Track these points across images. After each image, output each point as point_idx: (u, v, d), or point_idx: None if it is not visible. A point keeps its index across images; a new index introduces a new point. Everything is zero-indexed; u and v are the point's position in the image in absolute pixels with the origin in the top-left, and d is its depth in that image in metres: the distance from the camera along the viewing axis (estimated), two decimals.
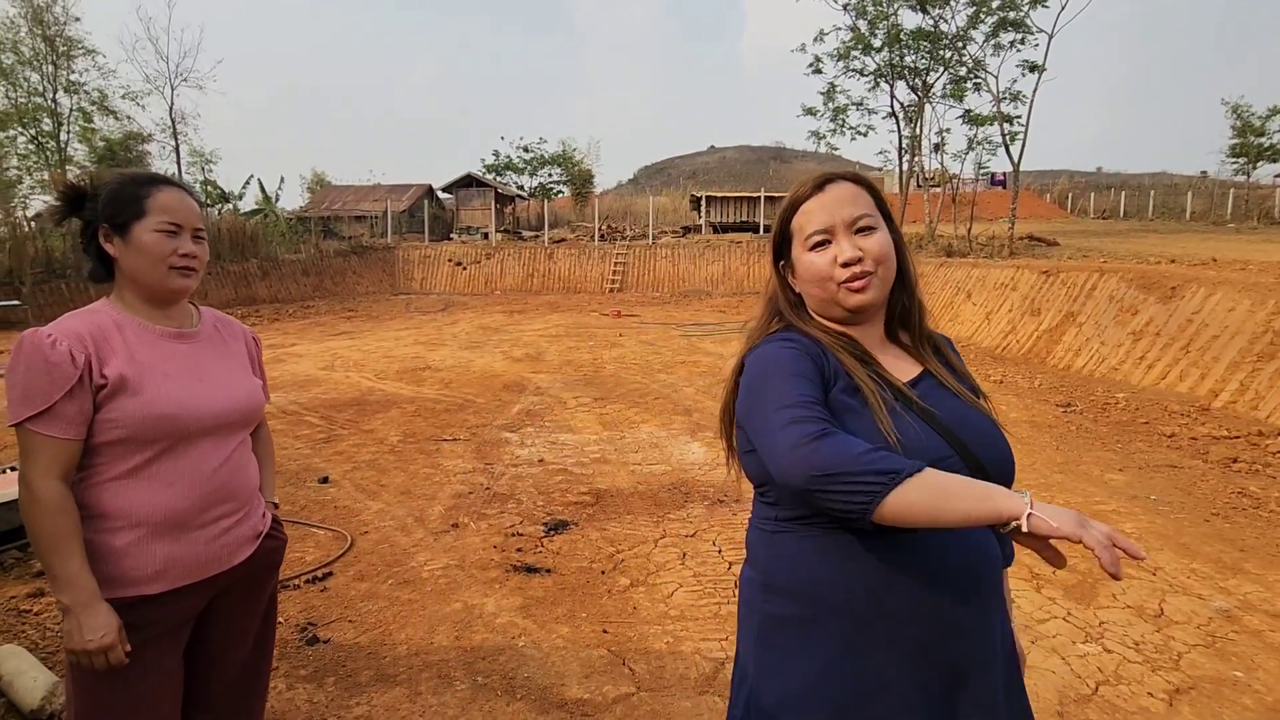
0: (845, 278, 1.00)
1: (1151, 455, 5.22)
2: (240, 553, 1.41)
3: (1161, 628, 2.80)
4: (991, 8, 17.33)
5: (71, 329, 1.24)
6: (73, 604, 1.19)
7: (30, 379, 1.19)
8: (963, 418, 0.99)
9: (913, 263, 1.10)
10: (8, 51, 20.90)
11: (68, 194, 1.34)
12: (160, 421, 1.27)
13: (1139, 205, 34.62)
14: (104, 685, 1.25)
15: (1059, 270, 10.23)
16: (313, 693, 2.38)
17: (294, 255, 22.50)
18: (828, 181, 1.04)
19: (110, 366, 1.24)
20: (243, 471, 1.42)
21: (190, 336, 1.40)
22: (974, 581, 0.95)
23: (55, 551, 1.19)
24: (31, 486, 1.20)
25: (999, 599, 1.00)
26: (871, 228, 1.01)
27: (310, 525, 3.89)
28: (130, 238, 1.30)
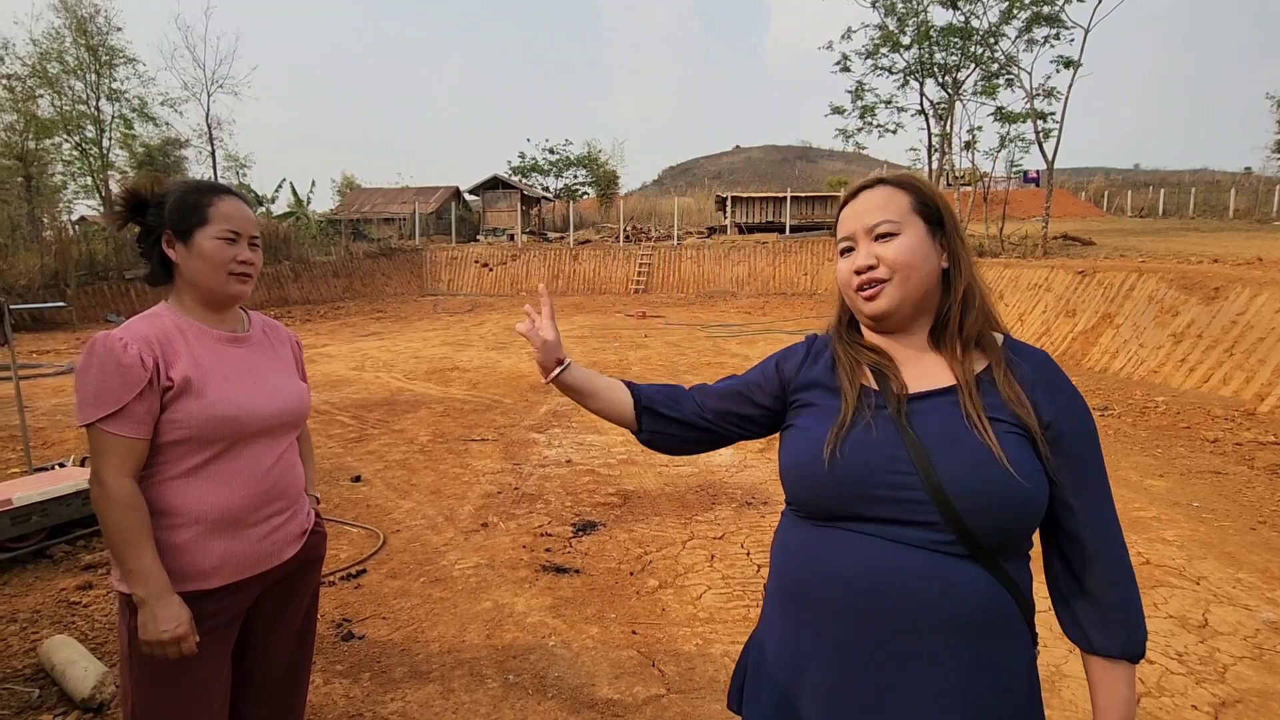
0: (856, 285, 1.00)
1: (1194, 461, 5.07)
2: (288, 549, 1.46)
3: (1206, 639, 2.72)
4: (1024, 3, 16.99)
5: (140, 333, 1.29)
6: (147, 596, 1.24)
7: (103, 380, 1.24)
8: (951, 440, 0.92)
9: (968, 268, 1.02)
10: (54, 61, 21.66)
11: (130, 199, 1.38)
12: (221, 423, 1.31)
13: (1179, 203, 33.64)
14: (163, 675, 1.29)
15: (1095, 270, 9.99)
16: (349, 688, 2.43)
17: (325, 257, 22.95)
18: (864, 189, 1.04)
19: (176, 369, 1.29)
20: (292, 471, 1.47)
21: (244, 340, 1.45)
22: (871, 601, 0.92)
23: (129, 546, 1.24)
24: (105, 484, 1.24)
25: (946, 640, 0.90)
26: (891, 234, 0.98)
27: (344, 523, 3.96)
28: (192, 244, 1.35)
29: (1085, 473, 0.94)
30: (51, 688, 2.37)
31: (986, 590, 0.91)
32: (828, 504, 0.98)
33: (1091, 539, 0.93)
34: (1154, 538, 3.67)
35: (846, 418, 0.99)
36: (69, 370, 9.61)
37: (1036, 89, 17.24)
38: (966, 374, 0.97)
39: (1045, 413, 0.94)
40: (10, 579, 3.25)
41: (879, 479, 0.93)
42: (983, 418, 0.93)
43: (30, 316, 14.43)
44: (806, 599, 0.99)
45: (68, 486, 3.58)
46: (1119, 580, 0.93)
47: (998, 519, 0.89)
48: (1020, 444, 0.92)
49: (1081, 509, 0.93)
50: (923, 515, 0.91)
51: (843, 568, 0.95)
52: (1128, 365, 8.03)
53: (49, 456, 5.13)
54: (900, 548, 0.92)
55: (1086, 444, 0.95)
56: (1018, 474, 0.89)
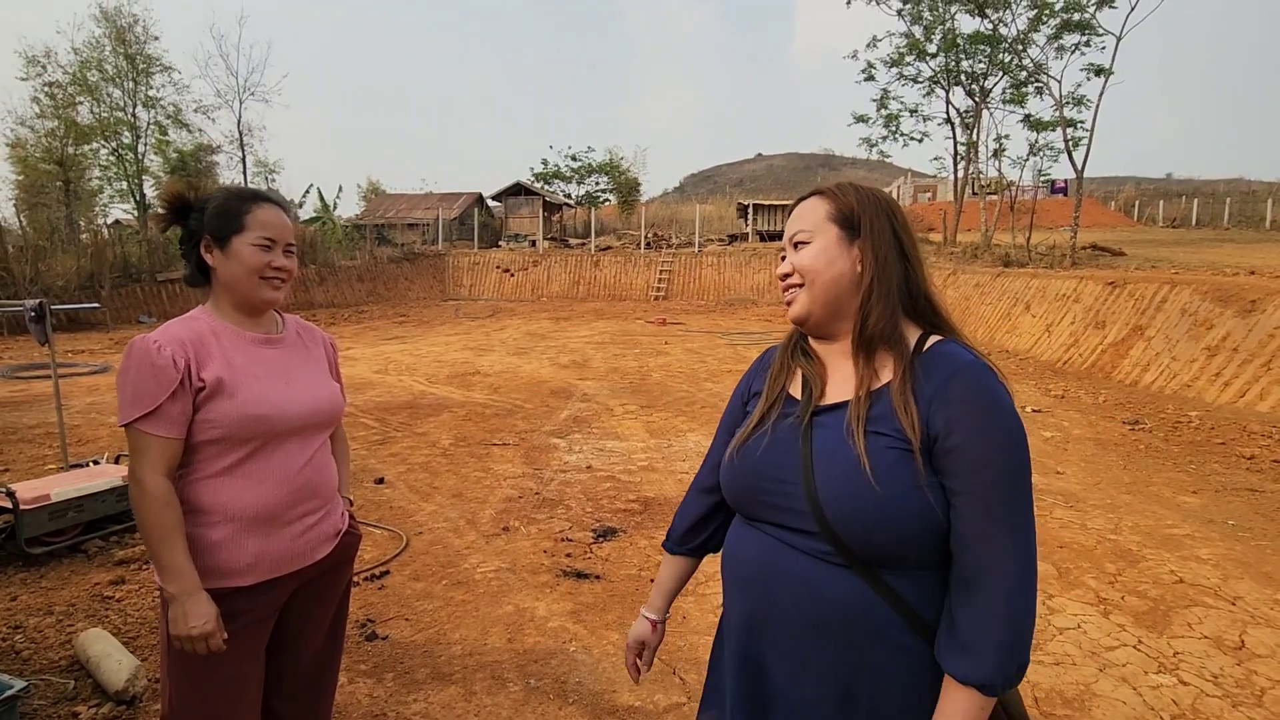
0: (781, 289, 1.08)
1: (1229, 477, 4.95)
2: (322, 549, 1.48)
3: (1243, 660, 2.65)
4: (1054, 10, 16.79)
5: (174, 335, 1.33)
6: (178, 592, 1.28)
7: (139, 382, 1.28)
8: (831, 453, 0.95)
9: (877, 271, 0.99)
10: (93, 69, 22.32)
11: (174, 203, 1.43)
12: (253, 422, 1.34)
13: (1213, 213, 32.91)
14: (198, 670, 1.33)
15: (1126, 281, 9.80)
16: (373, 687, 2.46)
17: (350, 261, 23.30)
18: (800, 201, 1.09)
19: (208, 370, 1.33)
20: (325, 471, 1.50)
21: (277, 342, 1.48)
22: (761, 596, 1.01)
23: (163, 543, 1.28)
24: (141, 482, 1.28)
25: (814, 642, 0.95)
26: (804, 242, 1.04)
27: (368, 524, 4.01)
28: (229, 250, 1.39)
29: (972, 493, 0.89)
30: (86, 680, 2.43)
31: (856, 600, 0.93)
32: (735, 501, 1.08)
33: (965, 560, 0.89)
34: (1188, 556, 3.58)
35: (753, 421, 1.07)
36: (103, 370, 9.86)
37: (1066, 97, 17.01)
38: (867, 384, 0.98)
39: (937, 424, 0.91)
40: (47, 573, 3.33)
41: (768, 485, 1.00)
42: (859, 430, 0.94)
43: (66, 317, 14.83)
44: (728, 587, 1.10)
45: (103, 483, 3.67)
46: (988, 606, 0.87)
47: (863, 531, 0.91)
48: (899, 458, 0.91)
49: (961, 529, 0.90)
50: (803, 524, 0.96)
51: (746, 562, 1.04)
52: (1159, 379, 7.86)
53: (84, 454, 5.26)
54: (788, 550, 0.98)
55: (984, 462, 0.89)
56: (886, 489, 0.89)
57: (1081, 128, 16.95)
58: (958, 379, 0.93)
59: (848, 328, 1.03)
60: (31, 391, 8.26)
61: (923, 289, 1.03)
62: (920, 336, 1.01)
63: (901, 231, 1.03)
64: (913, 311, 1.03)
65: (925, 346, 0.99)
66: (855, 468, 0.91)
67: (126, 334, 14.49)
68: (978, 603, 0.88)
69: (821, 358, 1.08)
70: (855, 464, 0.91)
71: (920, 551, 0.92)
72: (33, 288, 15.05)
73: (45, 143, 22.65)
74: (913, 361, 0.97)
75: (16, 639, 2.72)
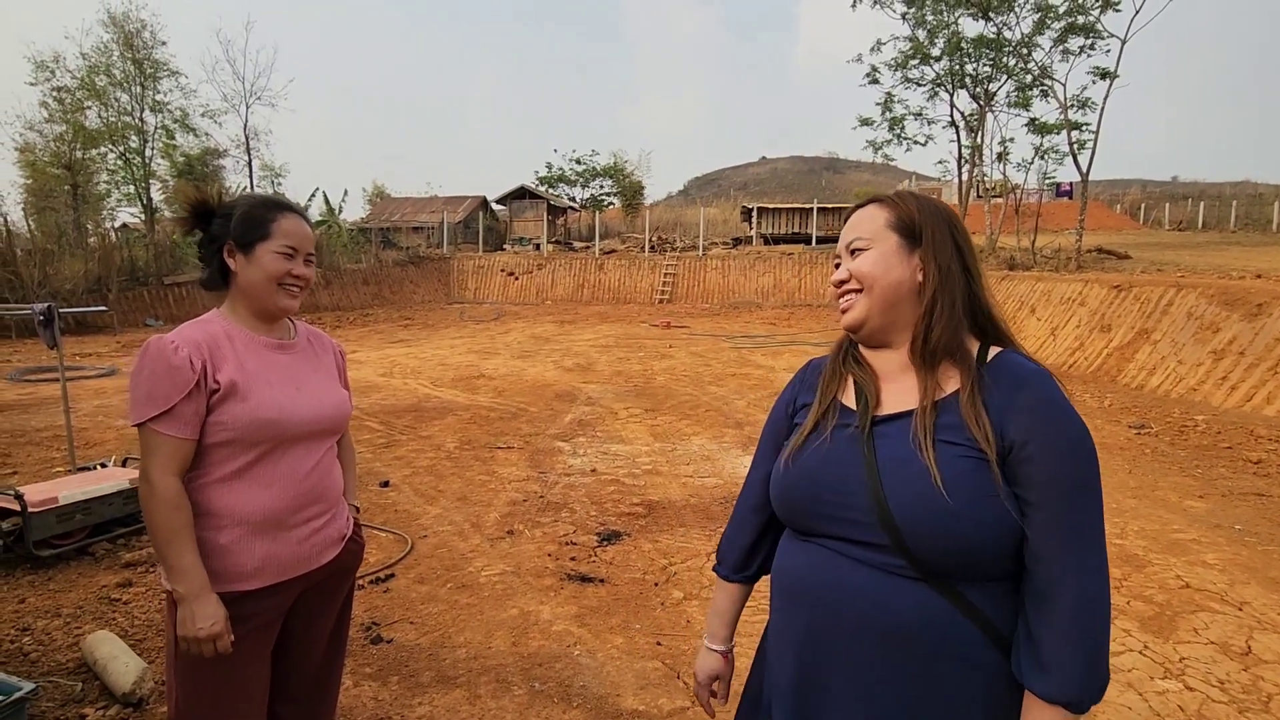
0: (834, 296, 1.06)
1: (1236, 482, 4.92)
2: (327, 553, 1.49)
3: (1249, 666, 2.64)
4: (1059, 14, 16.78)
5: (190, 337, 1.34)
6: (187, 593, 1.28)
7: (154, 381, 1.29)
8: (901, 464, 0.92)
9: (941, 282, 0.99)
10: (102, 74, 22.49)
11: (197, 208, 1.45)
12: (264, 426, 1.36)
13: (1219, 216, 32.78)
14: (205, 673, 1.34)
15: (1131, 285, 9.77)
16: (377, 690, 2.46)
17: (355, 265, 23.41)
18: (857, 208, 1.08)
19: (223, 373, 1.34)
20: (330, 476, 1.51)
21: (289, 348, 1.50)
22: (824, 612, 0.97)
23: (171, 543, 1.28)
24: (152, 481, 1.29)
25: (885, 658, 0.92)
26: (861, 249, 1.02)
27: (372, 527, 4.02)
28: (253, 256, 1.41)
29: (1047, 504, 0.88)
30: (94, 682, 2.44)
31: (931, 614, 0.90)
32: (789, 514, 1.04)
33: (1041, 573, 0.88)
34: (1194, 560, 3.57)
35: (806, 429, 1.04)
36: (110, 373, 9.91)
37: (1071, 100, 16.99)
38: (932, 394, 0.96)
39: (1012, 434, 0.90)
40: (54, 575, 3.35)
41: (829, 497, 0.97)
42: (928, 440, 0.91)
43: (74, 320, 14.92)
44: (784, 605, 1.05)
45: (110, 486, 3.70)
46: (1068, 622, 0.86)
47: (940, 544, 0.88)
48: (973, 467, 0.89)
49: (1036, 541, 0.88)
50: (870, 536, 0.93)
51: (808, 578, 1.00)
52: (1165, 382, 7.83)
53: (91, 456, 5.29)
54: (852, 564, 0.95)
55: (1058, 473, 0.88)
56: (959, 498, 0.87)
57: (1086, 130, 16.92)
58: (1028, 389, 0.93)
59: (905, 337, 1.02)
60: (39, 394, 8.31)
61: (984, 301, 1.02)
62: (980, 347, 1.01)
63: (963, 243, 1.03)
64: (974, 324, 1.02)
65: (988, 357, 0.99)
66: (928, 478, 0.89)
67: (133, 337, 14.57)
68: (1057, 618, 0.86)
69: (874, 366, 1.06)
70: (928, 474, 0.89)
71: (995, 563, 0.90)
72: (41, 291, 15.16)
73: (53, 147, 22.83)
74: (980, 372, 0.96)
75: (24, 641, 2.74)
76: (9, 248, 16.24)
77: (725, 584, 1.23)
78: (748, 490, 1.20)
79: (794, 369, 7.58)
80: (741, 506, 1.21)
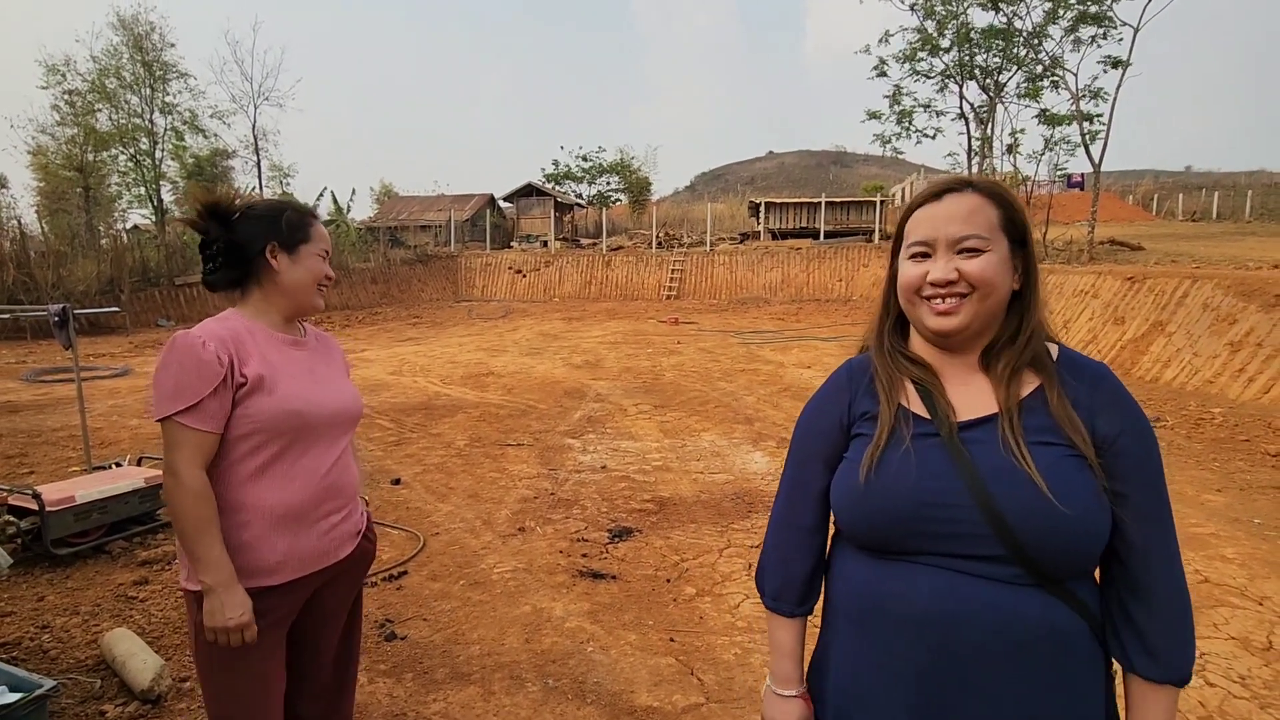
0: (929, 294, 0.95)
1: (1254, 475, 4.86)
2: (344, 548, 1.52)
3: (1270, 662, 2.60)
4: (1070, 3, 16.59)
5: (216, 333, 1.36)
6: (215, 584, 1.30)
7: (182, 376, 1.30)
8: (1008, 472, 0.89)
9: (1039, 294, 0.98)
10: (112, 77, 22.66)
11: (211, 209, 1.45)
12: (290, 417, 1.39)
13: (1234, 206, 32.34)
14: (232, 666, 1.36)
15: (1145, 277, 9.66)
16: (392, 687, 2.47)
17: (363, 264, 23.51)
18: (948, 190, 0.97)
19: (249, 367, 1.37)
20: (349, 471, 1.54)
21: (303, 344, 1.54)
22: (946, 634, 0.90)
23: (200, 535, 1.30)
24: (179, 475, 1.30)
25: (1019, 670, 0.88)
26: (978, 250, 0.93)
27: (385, 525, 4.04)
28: (298, 257, 1.48)
29: (1136, 495, 0.90)
30: (112, 679, 2.46)
31: (1058, 618, 0.89)
32: (880, 537, 0.95)
33: (1135, 563, 0.91)
34: (1213, 555, 3.53)
35: (881, 441, 0.96)
36: (124, 373, 10.00)
37: (1083, 90, 16.82)
38: (1012, 399, 0.93)
39: (1103, 429, 0.91)
40: (72, 573, 3.38)
41: (932, 513, 0.90)
42: (1023, 447, 0.89)
43: (87, 321, 15.06)
44: (871, 633, 0.97)
45: (126, 485, 3.73)
46: (1167, 607, 0.90)
47: (1063, 550, 0.87)
48: (1077, 467, 0.89)
49: (1128, 531, 0.90)
50: (985, 549, 0.88)
51: (910, 600, 0.92)
52: (1181, 375, 7.74)
53: (106, 456, 5.34)
54: (968, 579, 0.89)
55: (1145, 462, 0.91)
56: (1074, 502, 0.86)
57: (1099, 121, 16.75)
58: (1105, 384, 0.94)
59: (983, 341, 0.98)
60: (54, 395, 8.40)
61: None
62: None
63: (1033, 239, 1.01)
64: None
65: (1054, 355, 0.98)
66: (1036, 486, 0.87)
67: (146, 337, 14.69)
68: (1161, 604, 0.90)
69: (936, 368, 1.00)
70: (1040, 480, 0.87)
71: (1097, 557, 0.92)
72: (55, 292, 15.31)
73: (65, 150, 23.05)
74: (1059, 371, 0.95)
75: (44, 638, 2.77)
76: (23, 250, 16.42)
77: (787, 620, 1.10)
78: (796, 511, 1.08)
79: (803, 364, 7.52)
80: (790, 528, 1.09)
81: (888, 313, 1.06)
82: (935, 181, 1.01)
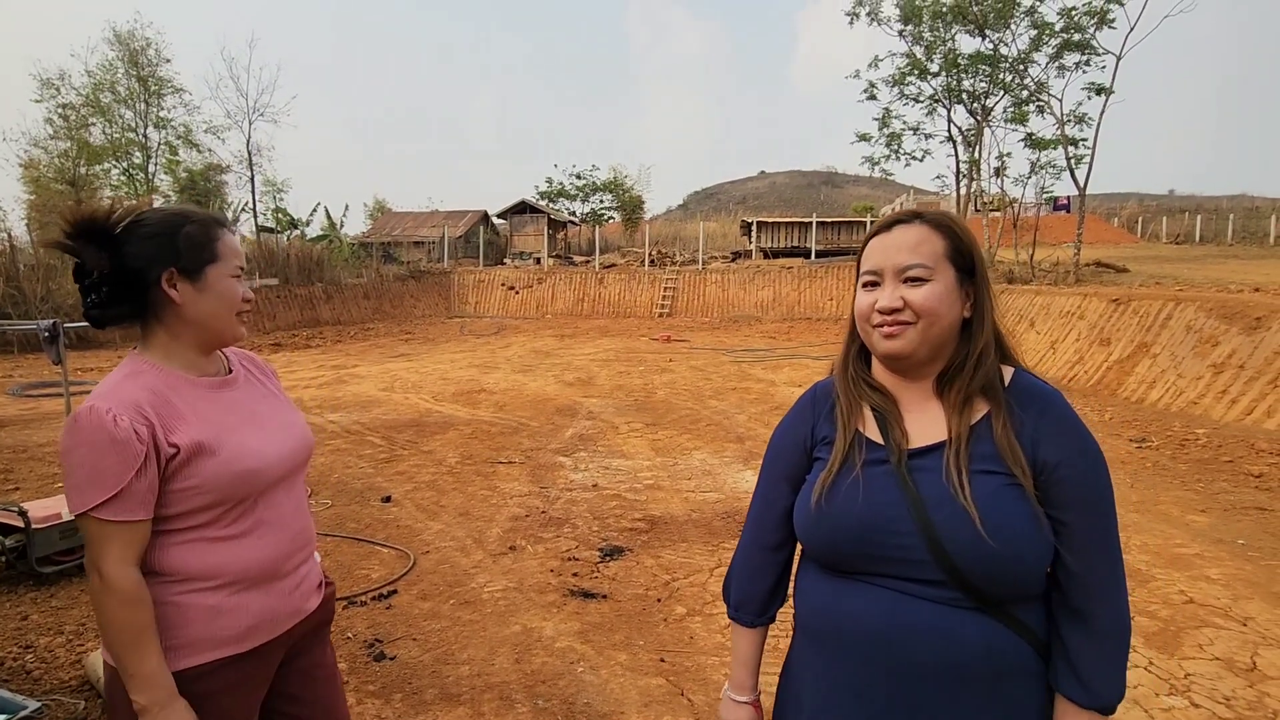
0: (877, 322, 0.98)
1: (1237, 496, 4.92)
2: (313, 599, 1.34)
3: (1254, 683, 2.63)
4: (1054, 30, 16.98)
5: (128, 399, 1.11)
6: (150, 704, 1.08)
7: (95, 462, 1.07)
8: (946, 500, 0.92)
9: (990, 320, 1.00)
10: (106, 91, 22.72)
11: (83, 227, 1.13)
12: (243, 478, 1.17)
13: (1216, 230, 32.94)
14: None
15: (1130, 298, 9.81)
16: (380, 708, 2.46)
17: (356, 279, 23.48)
18: (898, 223, 1.01)
19: (180, 433, 1.13)
20: (308, 513, 1.36)
21: (231, 383, 1.28)
22: (888, 652, 0.93)
23: (134, 647, 1.08)
24: (107, 577, 1.07)
25: (958, 691, 0.91)
26: (922, 279, 0.96)
27: (374, 543, 4.02)
28: (205, 283, 1.19)
29: (1078, 523, 0.93)
30: (96, 700, 2.44)
31: (999, 641, 0.92)
32: (832, 555, 1.00)
33: (1074, 589, 0.94)
34: (1197, 575, 3.57)
35: (834, 467, 1.00)
36: None
37: (1067, 115, 17.15)
38: (962, 427, 0.96)
39: (1045, 456, 0.93)
40: (57, 592, 3.35)
41: (878, 537, 0.94)
42: (964, 475, 0.92)
43: (75, 335, 14.94)
44: (828, 647, 1.01)
45: None
46: (1103, 636, 0.92)
47: (998, 573, 0.90)
48: (1015, 497, 0.91)
49: (1068, 558, 0.93)
50: (928, 574, 0.92)
51: (860, 618, 0.97)
52: (1165, 396, 7.84)
53: None
54: (911, 600, 0.93)
55: (1087, 491, 0.93)
56: (1004, 532, 0.89)
57: (1083, 145, 17.06)
58: (1052, 411, 0.96)
59: (936, 368, 1.01)
60: (41, 410, 8.32)
61: (996, 322, 1.03)
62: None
63: (986, 268, 1.03)
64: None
65: (1006, 380, 1.00)
66: (979, 512, 0.89)
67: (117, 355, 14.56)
68: (1094, 631, 0.92)
69: (893, 393, 1.03)
70: (978, 508, 0.90)
71: (1039, 582, 0.94)
72: (43, 306, 15.21)
73: (58, 163, 23.00)
74: (1006, 398, 0.97)
75: (28, 658, 2.74)
76: (12, 263, 16.30)
77: (748, 630, 1.17)
78: (762, 529, 1.14)
79: (794, 383, 7.56)
80: (755, 546, 1.15)
81: (853, 340, 1.10)
82: (887, 215, 1.05)
